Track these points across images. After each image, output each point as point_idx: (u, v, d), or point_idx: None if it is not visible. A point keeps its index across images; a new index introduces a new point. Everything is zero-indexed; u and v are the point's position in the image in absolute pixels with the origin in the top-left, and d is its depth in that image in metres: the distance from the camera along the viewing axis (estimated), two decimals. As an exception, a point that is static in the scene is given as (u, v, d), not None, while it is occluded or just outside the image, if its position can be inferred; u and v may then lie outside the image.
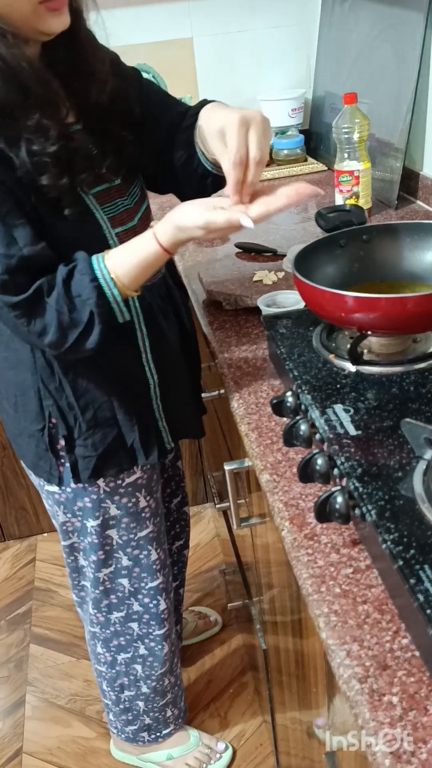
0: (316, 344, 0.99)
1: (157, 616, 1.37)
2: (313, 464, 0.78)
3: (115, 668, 1.44)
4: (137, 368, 1.12)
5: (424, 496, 0.69)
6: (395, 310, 0.87)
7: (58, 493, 1.19)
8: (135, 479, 1.21)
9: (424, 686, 0.59)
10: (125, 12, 1.98)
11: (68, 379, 1.07)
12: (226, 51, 2.10)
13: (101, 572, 1.29)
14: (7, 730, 1.76)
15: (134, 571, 1.31)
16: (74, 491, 1.18)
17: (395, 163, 1.67)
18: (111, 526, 1.24)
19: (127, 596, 1.34)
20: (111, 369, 1.09)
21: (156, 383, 1.15)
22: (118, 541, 1.26)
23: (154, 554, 1.31)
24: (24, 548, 2.33)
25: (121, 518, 1.23)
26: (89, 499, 1.19)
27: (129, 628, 1.38)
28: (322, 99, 2.11)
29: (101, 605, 1.35)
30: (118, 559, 1.28)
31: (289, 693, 1.13)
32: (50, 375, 1.07)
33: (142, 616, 1.37)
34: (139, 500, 1.24)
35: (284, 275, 1.35)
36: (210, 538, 2.24)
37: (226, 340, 1.20)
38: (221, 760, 1.59)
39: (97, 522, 1.22)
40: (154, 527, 1.29)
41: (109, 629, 1.38)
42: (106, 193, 1.03)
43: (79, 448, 1.12)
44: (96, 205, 1.01)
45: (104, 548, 1.26)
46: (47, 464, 1.15)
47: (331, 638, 0.64)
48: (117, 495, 1.20)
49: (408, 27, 1.57)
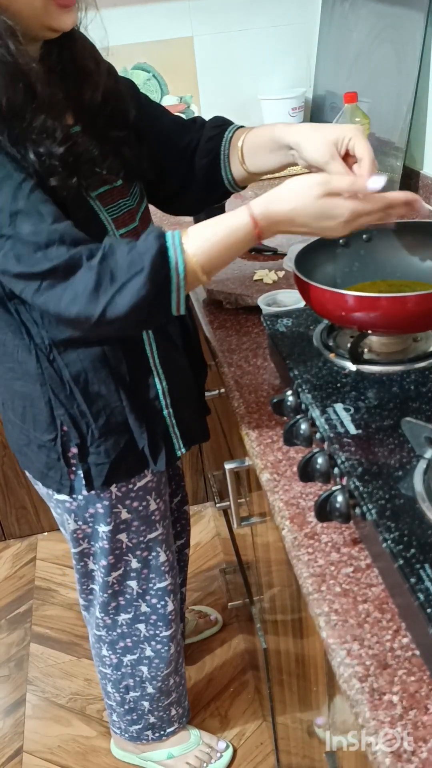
0: (317, 343, 0.99)
1: (164, 617, 1.37)
2: (314, 463, 0.78)
3: (120, 670, 1.43)
4: (145, 372, 1.10)
5: (424, 495, 0.69)
6: (395, 309, 0.87)
7: (69, 502, 1.18)
8: (146, 483, 1.20)
9: (424, 685, 0.59)
10: (125, 11, 1.98)
11: (78, 387, 1.05)
12: (226, 50, 2.10)
13: (110, 576, 1.28)
14: (7, 729, 1.76)
15: (143, 573, 1.30)
16: (86, 498, 1.17)
17: (395, 162, 1.67)
18: (122, 530, 1.23)
19: (135, 598, 1.33)
20: (119, 374, 1.07)
21: (165, 389, 1.12)
22: (128, 544, 1.25)
23: (162, 556, 1.30)
24: (24, 547, 2.33)
25: (131, 522, 1.23)
26: (101, 506, 1.18)
27: (136, 629, 1.38)
28: (323, 98, 2.11)
29: (109, 608, 1.34)
30: (128, 562, 1.28)
31: (290, 692, 1.13)
32: (59, 384, 1.05)
33: (150, 617, 1.37)
34: (150, 503, 1.23)
35: (284, 274, 1.35)
36: (210, 537, 2.24)
37: (227, 339, 1.20)
38: (222, 759, 1.59)
39: (109, 528, 1.21)
40: (164, 529, 1.29)
41: (116, 631, 1.38)
42: (108, 195, 1.02)
43: (92, 455, 1.10)
44: (100, 206, 1.00)
45: (114, 552, 1.25)
46: (58, 474, 1.13)
47: (332, 637, 0.64)
48: (128, 499, 1.20)
49: (408, 26, 1.57)
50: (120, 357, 1.06)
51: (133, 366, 1.08)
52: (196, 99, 2.15)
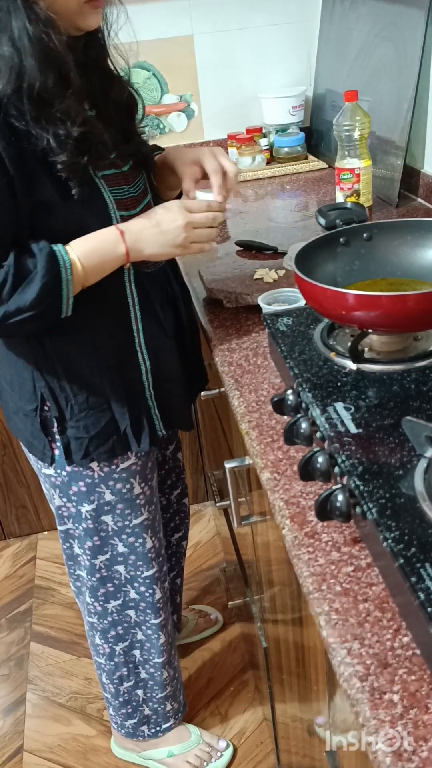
0: (317, 342, 0.99)
1: (152, 605, 1.39)
2: (314, 462, 0.78)
3: (113, 660, 1.45)
4: (130, 352, 1.14)
5: (425, 494, 0.68)
6: (396, 308, 0.87)
7: (54, 476, 1.21)
8: (129, 465, 1.22)
9: (424, 684, 0.58)
10: (125, 9, 1.97)
11: (61, 361, 1.09)
12: (226, 49, 2.10)
13: (97, 559, 1.30)
14: (7, 728, 1.76)
15: (130, 559, 1.32)
16: (69, 475, 1.20)
17: (396, 161, 1.66)
18: (106, 512, 1.25)
19: (124, 584, 1.35)
20: (103, 352, 1.11)
21: (149, 370, 1.16)
22: (113, 527, 1.27)
23: (149, 542, 1.32)
24: (24, 546, 2.33)
25: (115, 504, 1.25)
26: (83, 483, 1.21)
27: (126, 615, 1.40)
28: (323, 96, 2.10)
29: (98, 594, 1.36)
30: (114, 546, 1.30)
31: (290, 691, 1.14)
32: (42, 356, 1.09)
33: (139, 604, 1.39)
34: (134, 486, 1.25)
35: (285, 273, 1.35)
36: (210, 537, 2.24)
37: (227, 338, 1.20)
38: (222, 758, 1.59)
39: (92, 507, 1.24)
40: (149, 515, 1.30)
41: (107, 619, 1.39)
42: (113, 177, 1.07)
43: (71, 429, 1.14)
44: (105, 186, 1.05)
45: (99, 534, 1.27)
46: (41, 444, 1.17)
47: (332, 636, 0.64)
48: (111, 480, 1.22)
49: (409, 24, 1.57)
50: (105, 336, 1.10)
51: (118, 345, 1.12)
52: (196, 97, 2.15)
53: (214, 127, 2.18)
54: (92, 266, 1.01)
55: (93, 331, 1.09)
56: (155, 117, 2.14)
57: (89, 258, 1.01)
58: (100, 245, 1.02)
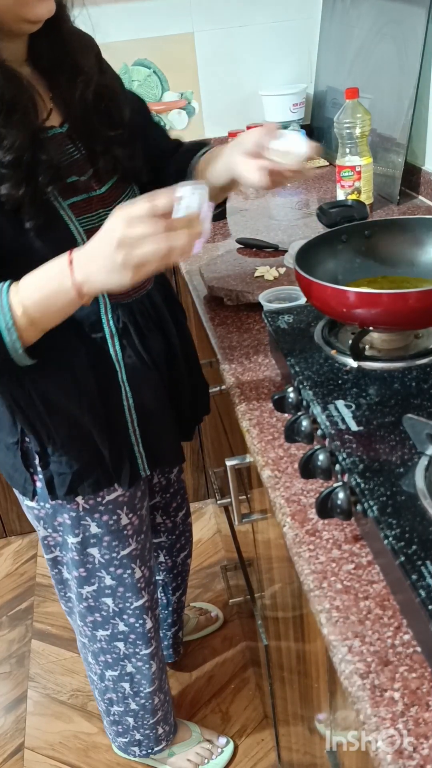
0: (318, 340, 0.99)
1: (143, 635, 1.34)
2: (315, 460, 0.78)
3: (104, 682, 1.42)
4: (112, 387, 1.06)
5: (425, 491, 0.68)
6: (397, 305, 0.87)
7: (36, 509, 1.16)
8: (116, 497, 1.16)
9: (425, 682, 0.59)
10: (126, 7, 1.97)
11: (38, 394, 1.01)
12: (227, 46, 2.10)
13: (84, 589, 1.25)
14: (8, 726, 1.76)
15: (118, 591, 1.27)
16: (53, 507, 1.14)
17: (397, 159, 1.66)
18: (92, 545, 1.19)
19: (112, 616, 1.30)
20: (84, 387, 1.03)
21: (131, 406, 1.08)
22: (100, 560, 1.22)
23: (138, 572, 1.26)
24: (25, 544, 2.33)
25: (102, 536, 1.19)
26: (68, 516, 1.15)
27: (115, 647, 1.35)
28: (324, 94, 2.10)
29: (87, 620, 1.31)
30: (101, 578, 1.24)
31: (291, 689, 1.14)
32: (19, 389, 1.01)
33: (128, 636, 1.33)
34: (121, 518, 1.19)
35: (286, 271, 1.35)
36: (211, 534, 2.24)
37: (228, 336, 1.20)
38: (223, 755, 1.59)
39: (77, 539, 1.18)
40: (138, 544, 1.24)
41: (96, 645, 1.35)
42: (86, 203, 0.96)
43: (54, 464, 1.07)
44: (71, 216, 0.94)
45: (86, 566, 1.22)
46: (22, 477, 1.11)
47: (333, 634, 0.64)
48: (97, 513, 1.16)
49: (410, 22, 1.57)
50: (85, 371, 1.02)
51: (99, 380, 1.04)
52: (196, 95, 2.14)
53: (214, 124, 2.18)
54: (39, 308, 0.84)
55: (72, 367, 1.01)
56: (156, 115, 2.14)
57: (33, 298, 0.83)
58: (46, 283, 0.83)
